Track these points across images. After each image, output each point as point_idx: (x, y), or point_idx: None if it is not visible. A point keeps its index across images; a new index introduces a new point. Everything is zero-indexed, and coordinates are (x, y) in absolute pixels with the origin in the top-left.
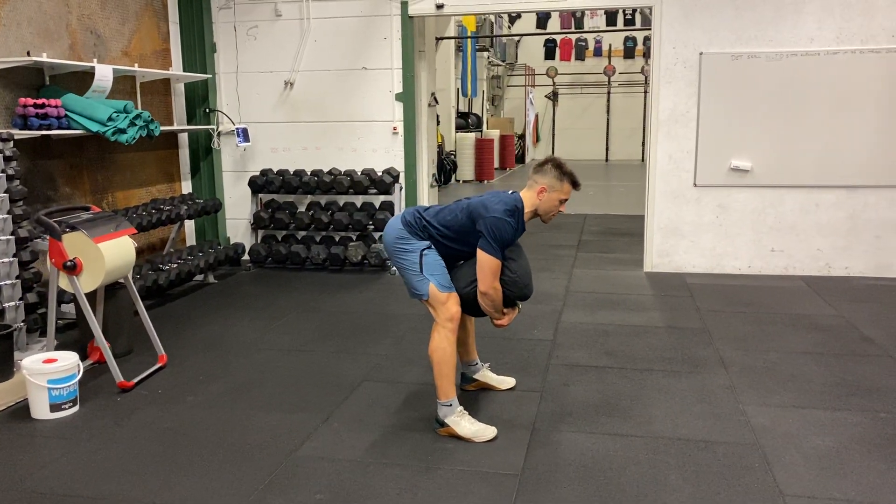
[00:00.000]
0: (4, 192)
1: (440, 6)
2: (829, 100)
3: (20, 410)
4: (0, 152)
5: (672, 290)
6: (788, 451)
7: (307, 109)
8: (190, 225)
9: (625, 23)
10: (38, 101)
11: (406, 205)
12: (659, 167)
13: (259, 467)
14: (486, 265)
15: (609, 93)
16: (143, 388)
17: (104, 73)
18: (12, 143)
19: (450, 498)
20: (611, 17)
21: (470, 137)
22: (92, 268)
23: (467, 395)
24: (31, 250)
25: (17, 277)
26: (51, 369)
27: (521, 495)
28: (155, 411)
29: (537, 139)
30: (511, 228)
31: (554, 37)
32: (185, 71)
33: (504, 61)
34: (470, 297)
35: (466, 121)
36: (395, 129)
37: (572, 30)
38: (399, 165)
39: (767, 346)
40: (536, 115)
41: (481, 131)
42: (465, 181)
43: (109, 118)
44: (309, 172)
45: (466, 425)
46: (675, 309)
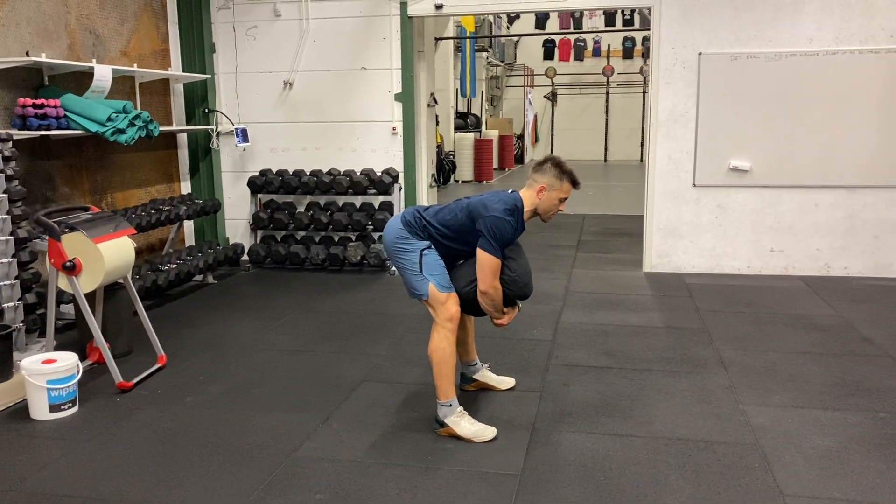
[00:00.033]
0: (3, 193)
1: (439, 6)
2: (828, 100)
3: (19, 411)
4: None
5: (671, 291)
6: (788, 451)
7: (306, 110)
8: (189, 225)
9: (623, 23)
10: (37, 102)
11: (405, 205)
12: (658, 167)
13: (259, 468)
14: (486, 264)
15: (608, 93)
16: (143, 389)
17: (103, 74)
18: (11, 143)
19: (450, 498)
20: (609, 18)
21: (469, 138)
22: (91, 268)
23: (467, 395)
24: (31, 251)
25: (16, 278)
26: (50, 370)
27: (521, 495)
28: (154, 412)
29: (536, 139)
30: (511, 227)
31: (553, 37)
32: (184, 71)
33: (503, 62)
34: (470, 297)
35: (465, 121)
36: (394, 129)
37: (571, 30)
38: (398, 166)
39: (767, 346)
40: (535, 116)
41: (480, 132)
42: (463, 181)
43: (108, 118)
44: (308, 173)
45: (466, 425)
46: (675, 309)
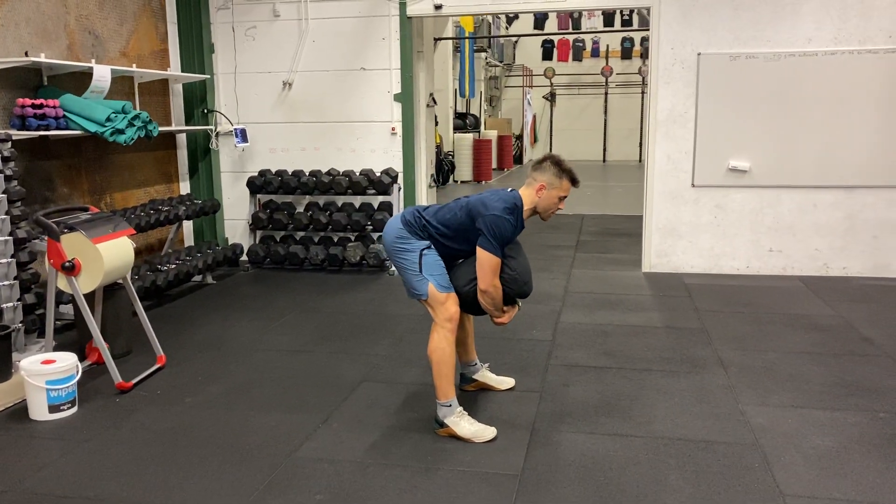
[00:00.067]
0: (3, 193)
1: (438, 7)
2: (827, 100)
3: (19, 411)
4: None
5: (670, 291)
6: (788, 451)
7: (306, 110)
8: (188, 225)
9: (622, 23)
10: (36, 102)
11: (404, 205)
12: (657, 167)
13: (258, 468)
14: (486, 263)
15: (606, 93)
16: (142, 389)
17: (102, 74)
18: (10, 143)
19: (450, 499)
20: (608, 18)
21: (468, 138)
22: (90, 268)
23: (466, 395)
24: (30, 251)
25: (15, 278)
26: (49, 370)
27: (521, 496)
28: (154, 412)
29: (535, 140)
30: (510, 226)
31: (551, 37)
32: (183, 71)
33: (502, 62)
34: (470, 296)
35: (464, 121)
36: (393, 129)
37: (570, 30)
38: (397, 166)
39: (766, 346)
40: (534, 116)
41: (479, 132)
42: (462, 182)
43: (108, 118)
44: (307, 173)
45: (466, 426)
46: (674, 309)
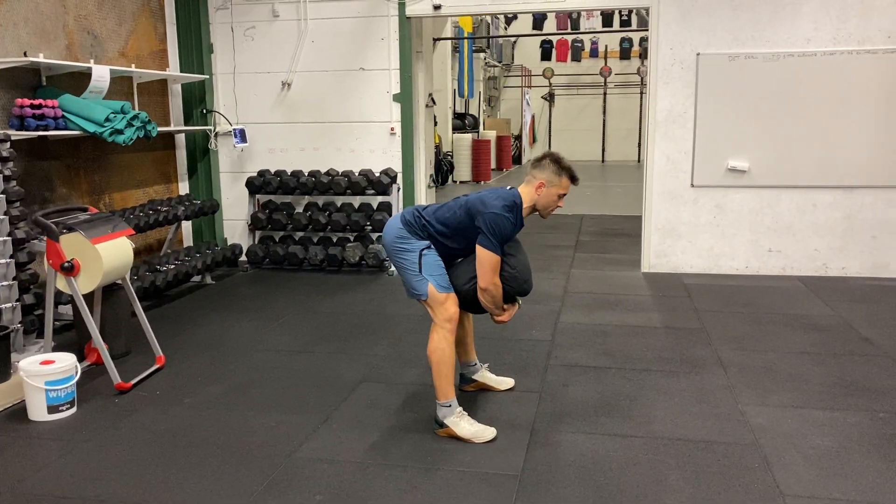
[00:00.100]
0: (1, 193)
1: (437, 7)
2: (826, 100)
3: (18, 412)
4: None
5: (670, 291)
6: (788, 451)
7: (305, 110)
8: (187, 226)
9: (621, 24)
10: (35, 102)
11: (403, 205)
12: (656, 168)
13: (258, 469)
14: (486, 261)
15: (605, 94)
16: (142, 390)
17: (101, 74)
18: (9, 143)
19: (450, 499)
20: (607, 19)
21: (467, 138)
22: (89, 269)
23: (466, 395)
24: (29, 251)
25: (14, 279)
26: (48, 371)
27: (521, 496)
28: (153, 413)
29: (534, 140)
30: (510, 224)
31: (550, 38)
32: (182, 71)
33: (500, 62)
34: (470, 294)
35: (463, 122)
36: (392, 129)
37: (569, 31)
38: (397, 166)
39: (765, 346)
40: (533, 116)
41: (478, 132)
42: (461, 182)
43: (107, 119)
44: (306, 173)
45: (466, 426)
46: (673, 309)
